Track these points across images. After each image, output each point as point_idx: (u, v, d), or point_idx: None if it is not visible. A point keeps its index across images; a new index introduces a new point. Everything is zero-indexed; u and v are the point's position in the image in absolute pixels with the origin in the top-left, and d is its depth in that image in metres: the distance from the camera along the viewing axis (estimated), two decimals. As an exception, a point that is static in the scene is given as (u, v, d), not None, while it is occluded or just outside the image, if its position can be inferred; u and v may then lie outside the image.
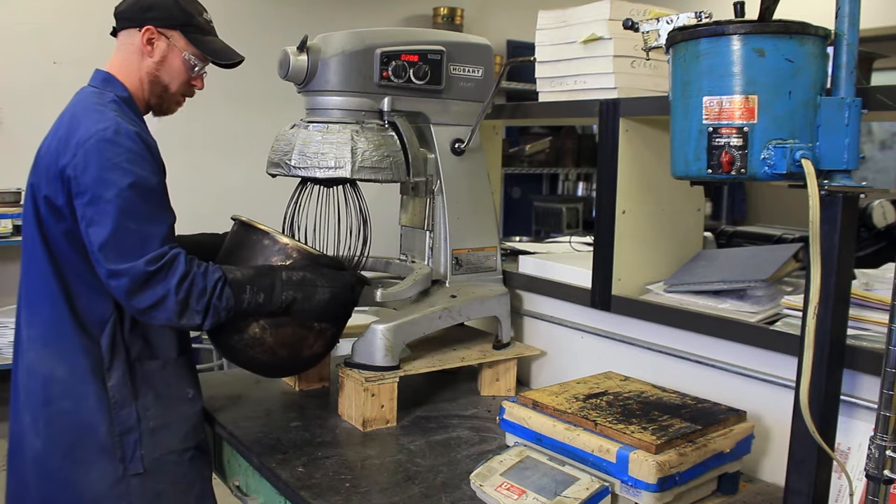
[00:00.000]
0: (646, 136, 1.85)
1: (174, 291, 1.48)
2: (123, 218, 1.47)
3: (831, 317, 1.26)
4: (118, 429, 1.60)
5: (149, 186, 1.51)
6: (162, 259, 1.48)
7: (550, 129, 6.13)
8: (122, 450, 1.61)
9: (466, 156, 1.99)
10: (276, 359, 1.68)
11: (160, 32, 1.67)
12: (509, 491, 1.35)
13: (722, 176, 1.22)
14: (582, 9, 1.92)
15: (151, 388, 1.65)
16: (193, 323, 1.52)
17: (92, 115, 1.55)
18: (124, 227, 1.47)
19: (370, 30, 1.82)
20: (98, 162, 1.47)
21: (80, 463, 1.60)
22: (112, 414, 1.60)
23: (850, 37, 1.21)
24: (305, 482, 1.49)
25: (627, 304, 1.82)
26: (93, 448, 1.60)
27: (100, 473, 1.60)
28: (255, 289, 1.55)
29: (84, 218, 1.48)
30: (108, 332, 1.60)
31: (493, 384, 2.01)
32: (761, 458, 1.57)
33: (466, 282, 2.00)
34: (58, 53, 4.49)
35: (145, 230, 1.49)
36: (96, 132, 1.49)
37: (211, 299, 1.51)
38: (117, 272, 1.47)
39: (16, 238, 4.14)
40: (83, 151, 1.48)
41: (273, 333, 1.64)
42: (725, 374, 1.64)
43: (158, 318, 1.50)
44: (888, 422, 1.10)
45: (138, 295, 1.48)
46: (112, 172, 1.47)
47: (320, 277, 1.63)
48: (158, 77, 1.69)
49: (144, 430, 1.63)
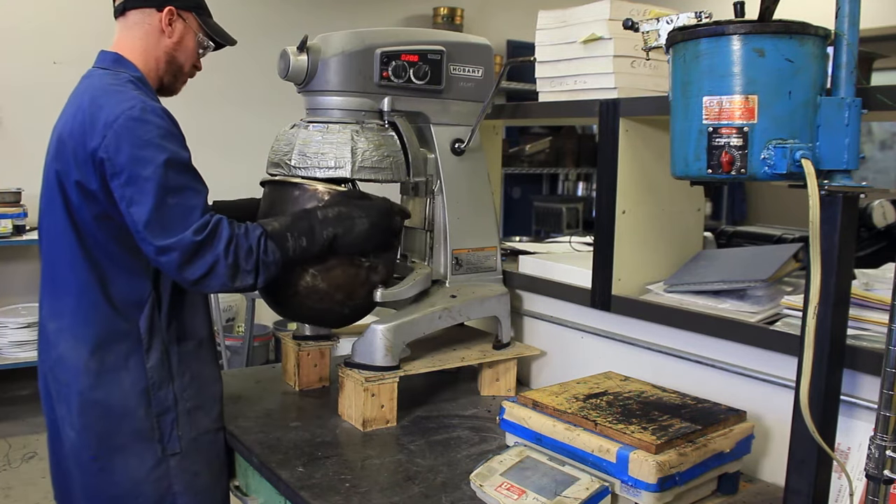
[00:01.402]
0: (646, 136, 1.85)
1: (223, 256, 1.49)
2: (163, 193, 1.47)
3: (831, 317, 1.26)
4: (155, 410, 1.62)
5: (182, 160, 1.52)
6: (207, 227, 1.49)
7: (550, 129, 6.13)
8: (159, 431, 1.63)
9: (466, 156, 1.99)
10: (335, 304, 1.72)
11: (179, 14, 1.69)
12: (509, 491, 1.35)
13: (722, 176, 1.22)
14: (582, 9, 1.92)
15: (188, 369, 1.67)
16: (247, 283, 1.54)
17: (114, 95, 1.54)
18: (165, 203, 1.47)
19: (370, 30, 1.82)
20: (130, 141, 1.48)
21: (116, 451, 1.61)
22: (150, 396, 1.61)
23: (850, 37, 1.21)
24: (305, 482, 1.49)
25: (627, 304, 1.82)
26: (129, 433, 1.61)
27: (138, 459, 1.62)
28: (295, 234, 1.58)
29: (124, 198, 1.48)
30: (147, 314, 1.61)
31: (493, 384, 2.01)
32: (761, 458, 1.57)
33: (466, 282, 2.00)
34: (58, 53, 4.49)
35: (186, 203, 1.50)
36: (123, 111, 1.49)
37: (258, 256, 1.53)
38: (166, 247, 1.47)
39: (16, 238, 4.14)
40: (113, 132, 1.48)
41: (324, 278, 1.68)
42: (725, 374, 1.64)
43: (212, 285, 1.52)
44: (888, 422, 1.10)
45: (190, 266, 1.49)
46: (146, 150, 1.48)
47: (355, 209, 1.66)
48: (175, 57, 1.71)
49: (181, 410, 1.65)
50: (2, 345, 4.12)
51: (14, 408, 4.34)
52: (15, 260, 4.58)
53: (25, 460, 3.78)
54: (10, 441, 3.99)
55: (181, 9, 1.70)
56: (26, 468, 3.71)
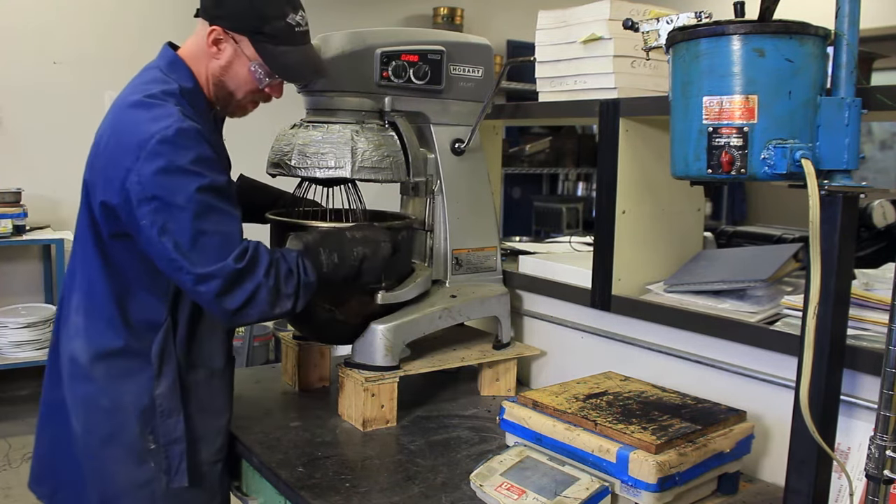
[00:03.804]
0: (646, 136, 1.85)
1: (264, 282, 1.43)
2: (199, 222, 1.40)
3: (831, 317, 1.26)
4: (163, 439, 1.56)
5: (217, 186, 1.44)
6: (247, 253, 1.43)
7: (550, 129, 6.13)
8: (167, 461, 1.56)
9: (466, 156, 1.99)
10: (350, 327, 1.79)
11: (228, 34, 1.51)
12: (509, 491, 1.35)
13: (722, 176, 1.22)
14: (582, 9, 1.92)
15: (196, 399, 1.60)
16: (286, 309, 1.48)
17: (153, 109, 1.44)
18: (202, 231, 1.40)
19: (370, 30, 1.82)
20: (163, 166, 1.39)
21: (114, 458, 1.57)
22: (155, 422, 1.55)
23: (850, 37, 1.21)
24: (305, 482, 1.49)
25: (627, 304, 1.82)
26: (124, 448, 1.56)
27: (130, 476, 1.56)
28: (327, 250, 1.54)
29: (155, 224, 1.40)
30: (160, 339, 1.55)
31: (493, 384, 2.01)
32: (761, 458, 1.57)
33: (466, 282, 2.00)
34: (58, 53, 4.50)
35: (223, 230, 1.43)
36: (157, 132, 1.40)
37: (299, 278, 1.48)
38: (206, 276, 1.40)
39: (16, 238, 4.13)
40: (145, 154, 1.39)
41: (341, 311, 1.75)
42: (725, 374, 1.64)
43: (251, 314, 1.45)
44: (888, 422, 1.10)
45: (230, 295, 1.42)
46: (179, 177, 1.40)
47: (380, 233, 1.64)
48: (223, 82, 1.56)
49: (189, 440, 1.58)
50: (2, 345, 4.12)
51: (14, 408, 4.34)
52: (15, 260, 4.58)
53: (25, 460, 3.78)
54: (10, 441, 3.99)
55: (232, 30, 1.51)
56: (26, 468, 3.69)
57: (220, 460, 1.67)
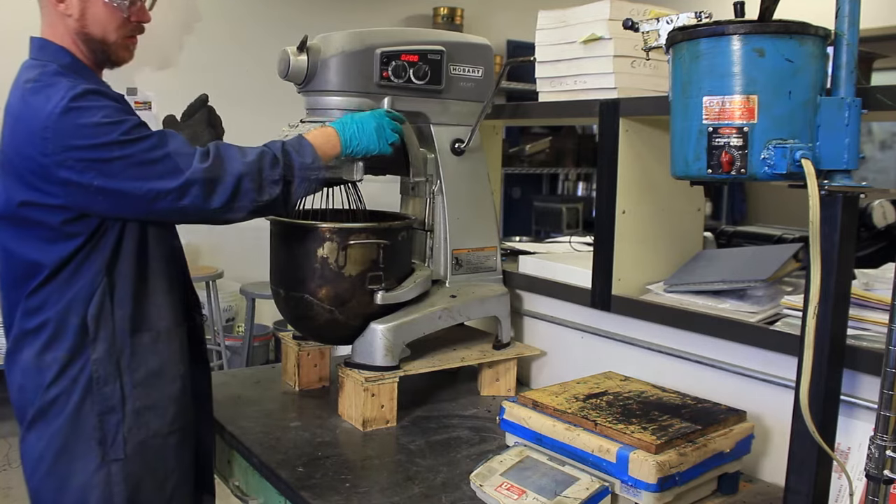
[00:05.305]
0: (646, 136, 1.85)
1: (244, 171, 1.42)
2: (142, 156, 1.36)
3: (831, 317, 1.26)
4: (97, 408, 1.46)
5: (139, 123, 1.39)
6: (209, 153, 1.41)
7: (550, 129, 6.13)
8: (101, 432, 1.46)
9: (466, 156, 1.99)
10: (352, 329, 1.81)
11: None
12: (509, 491, 1.35)
13: (722, 176, 1.22)
14: (582, 9, 1.92)
15: (141, 364, 1.50)
16: (275, 194, 1.45)
17: (41, 94, 1.38)
18: (153, 160, 1.37)
19: (370, 30, 1.82)
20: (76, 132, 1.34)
21: (61, 452, 1.47)
22: (94, 391, 1.45)
23: (850, 37, 1.21)
24: (305, 482, 1.49)
25: (627, 304, 1.82)
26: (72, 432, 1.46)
27: (82, 461, 1.47)
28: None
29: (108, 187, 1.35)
30: (96, 301, 1.45)
31: (493, 384, 2.01)
32: (761, 458, 1.57)
33: (466, 282, 2.00)
34: (58, 53, 4.48)
35: (171, 148, 1.39)
36: (53, 108, 1.34)
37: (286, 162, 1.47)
38: (181, 188, 1.37)
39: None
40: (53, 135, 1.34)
41: (342, 311, 1.77)
42: (725, 374, 1.64)
43: (243, 205, 1.43)
44: (888, 422, 1.10)
45: (214, 195, 1.40)
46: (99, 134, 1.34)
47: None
48: (88, 33, 1.49)
49: (129, 410, 1.48)
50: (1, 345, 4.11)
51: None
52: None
53: (25, 460, 3.78)
54: (11, 441, 3.99)
55: None
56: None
57: (175, 432, 1.56)
